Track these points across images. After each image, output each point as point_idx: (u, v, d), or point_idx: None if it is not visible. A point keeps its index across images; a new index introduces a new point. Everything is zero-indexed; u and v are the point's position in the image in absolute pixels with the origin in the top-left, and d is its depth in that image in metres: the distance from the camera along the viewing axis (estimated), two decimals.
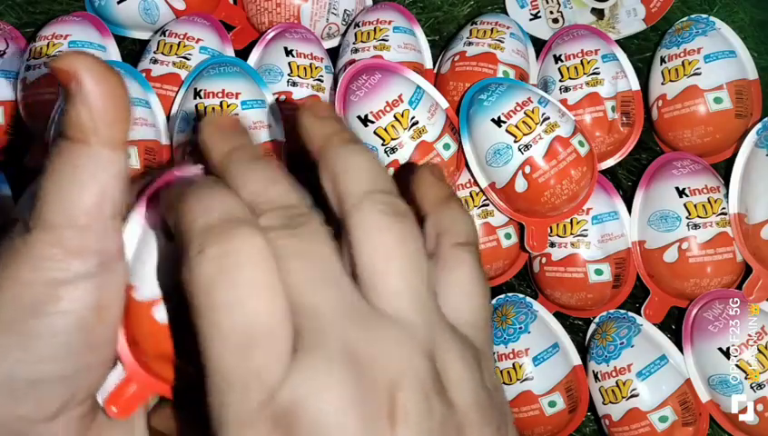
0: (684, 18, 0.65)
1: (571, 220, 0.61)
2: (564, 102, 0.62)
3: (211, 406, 0.22)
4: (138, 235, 0.27)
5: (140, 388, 0.27)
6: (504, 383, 0.60)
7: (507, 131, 0.58)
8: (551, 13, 0.67)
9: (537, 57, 0.66)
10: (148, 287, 0.26)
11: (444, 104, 0.61)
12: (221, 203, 0.23)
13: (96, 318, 0.25)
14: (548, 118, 0.58)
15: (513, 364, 0.60)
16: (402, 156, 0.58)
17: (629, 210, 0.63)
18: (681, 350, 0.60)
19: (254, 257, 0.22)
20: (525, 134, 0.58)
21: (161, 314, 0.26)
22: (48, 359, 0.25)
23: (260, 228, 0.23)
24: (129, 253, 0.27)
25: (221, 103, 0.59)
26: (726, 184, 0.61)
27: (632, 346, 0.60)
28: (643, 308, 0.63)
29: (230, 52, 0.64)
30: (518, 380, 0.60)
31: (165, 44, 0.62)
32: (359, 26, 0.65)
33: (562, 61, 0.63)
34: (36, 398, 0.25)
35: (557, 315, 0.63)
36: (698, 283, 0.60)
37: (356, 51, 0.64)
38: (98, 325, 0.25)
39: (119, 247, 0.26)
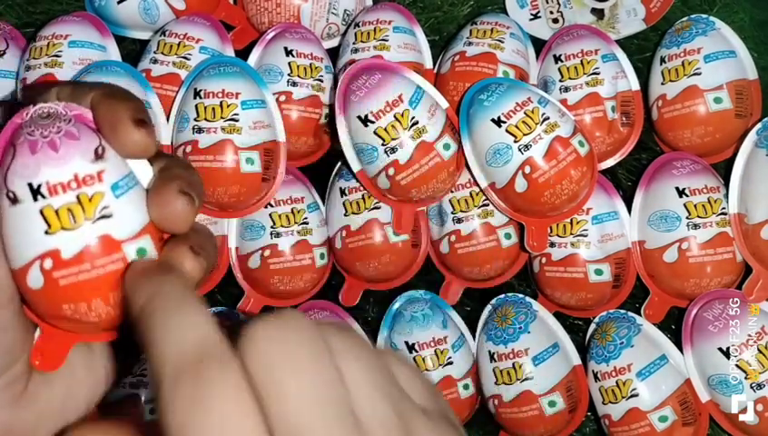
0: (684, 18, 0.65)
1: (571, 220, 0.61)
2: (564, 102, 0.62)
3: None
4: None
5: (56, 342, 0.28)
6: (504, 383, 0.60)
7: (507, 131, 0.58)
8: (551, 13, 0.67)
9: (537, 57, 0.66)
10: (15, 255, 0.26)
11: (444, 103, 0.61)
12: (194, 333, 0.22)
13: None
14: (548, 118, 0.58)
15: (513, 364, 0.60)
16: (402, 156, 0.58)
17: (629, 210, 0.63)
18: (681, 350, 0.60)
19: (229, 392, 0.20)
20: (525, 134, 0.58)
21: (34, 280, 0.26)
22: None
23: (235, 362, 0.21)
24: None
25: (220, 103, 0.59)
26: (726, 184, 0.61)
27: (632, 346, 0.60)
28: (643, 308, 0.63)
29: (230, 52, 0.64)
30: (518, 379, 0.60)
31: (165, 44, 0.62)
32: (359, 26, 0.65)
33: (562, 61, 0.63)
34: None
35: (557, 315, 0.63)
36: (698, 283, 0.60)
37: (356, 51, 0.64)
38: None
39: None
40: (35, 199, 0.26)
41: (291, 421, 0.19)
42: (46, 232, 0.26)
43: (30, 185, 0.26)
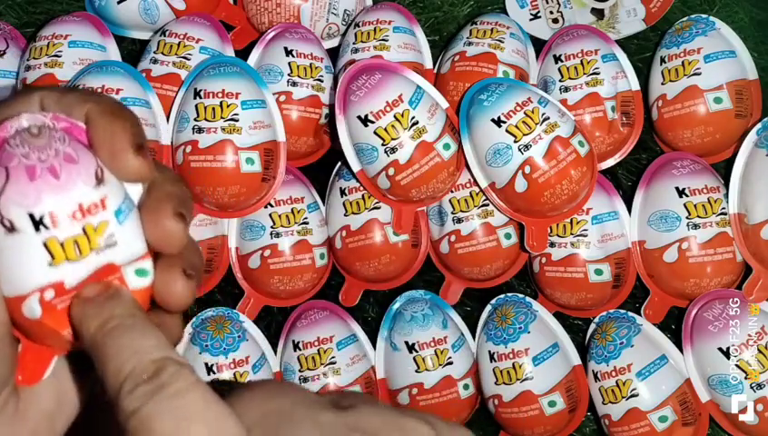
0: (684, 18, 0.65)
1: (571, 220, 0.61)
2: (564, 102, 0.62)
3: None
4: None
5: (38, 356, 0.27)
6: (504, 383, 0.60)
7: (507, 131, 0.58)
8: (551, 13, 0.67)
9: (537, 57, 0.66)
10: (11, 283, 0.25)
11: (444, 103, 0.61)
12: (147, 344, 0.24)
13: None
14: (548, 118, 0.58)
15: (513, 364, 0.60)
16: (402, 156, 0.58)
17: (629, 210, 0.63)
18: (681, 350, 0.60)
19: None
20: (525, 134, 0.58)
21: (30, 310, 0.25)
22: None
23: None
24: None
25: (220, 103, 0.59)
26: (726, 184, 0.61)
27: (632, 346, 0.60)
28: (643, 308, 0.63)
29: (230, 52, 0.64)
30: (518, 379, 0.60)
31: (165, 44, 0.62)
32: (359, 26, 0.65)
33: (562, 61, 0.63)
34: None
35: (557, 315, 0.63)
36: (698, 283, 0.60)
37: (356, 51, 0.64)
38: None
39: None
40: (38, 229, 0.24)
41: None
42: (50, 264, 0.25)
43: (31, 216, 0.24)
